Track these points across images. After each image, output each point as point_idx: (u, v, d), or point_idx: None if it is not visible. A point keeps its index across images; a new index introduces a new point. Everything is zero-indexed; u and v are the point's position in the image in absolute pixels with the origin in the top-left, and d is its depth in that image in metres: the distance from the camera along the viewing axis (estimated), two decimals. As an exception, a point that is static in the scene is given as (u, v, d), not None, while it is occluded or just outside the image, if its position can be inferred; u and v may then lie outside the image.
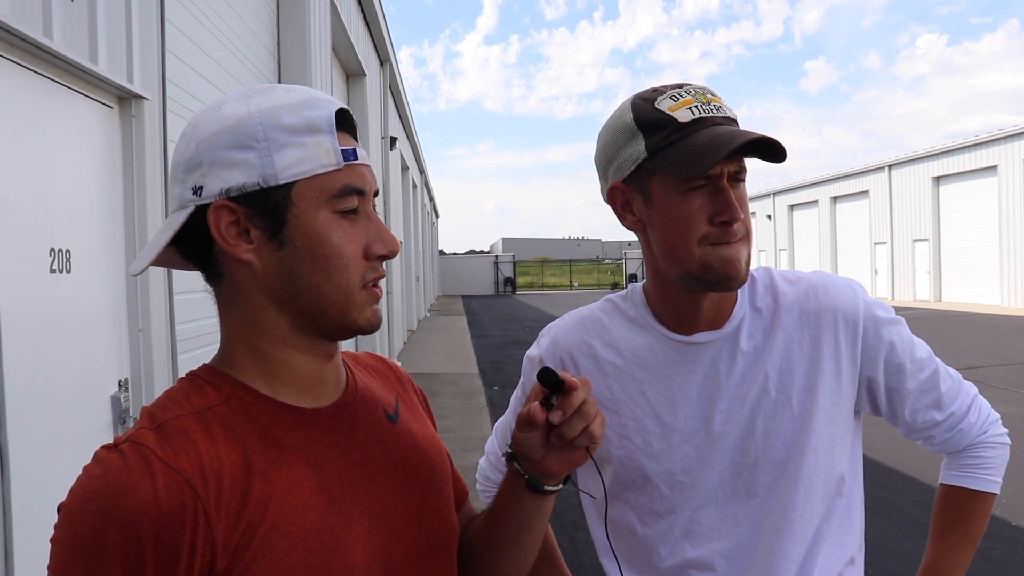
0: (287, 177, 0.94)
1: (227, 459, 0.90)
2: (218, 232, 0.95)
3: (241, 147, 0.94)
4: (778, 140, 1.21)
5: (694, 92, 1.27)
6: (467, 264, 52.99)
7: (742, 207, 1.26)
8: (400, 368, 1.30)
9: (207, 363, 1.03)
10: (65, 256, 2.65)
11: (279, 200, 0.95)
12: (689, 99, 1.26)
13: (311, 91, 1.00)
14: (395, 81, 15.34)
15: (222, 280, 0.99)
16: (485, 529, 1.20)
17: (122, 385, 3.10)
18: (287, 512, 0.91)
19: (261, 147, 0.94)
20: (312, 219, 0.96)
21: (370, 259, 1.01)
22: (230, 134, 0.94)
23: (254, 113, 0.95)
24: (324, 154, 0.96)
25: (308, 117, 0.96)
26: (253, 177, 0.94)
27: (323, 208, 0.97)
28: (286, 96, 0.97)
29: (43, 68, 2.56)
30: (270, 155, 0.94)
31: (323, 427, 1.01)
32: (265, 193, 0.94)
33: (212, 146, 0.95)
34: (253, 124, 0.94)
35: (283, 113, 0.95)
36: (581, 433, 1.04)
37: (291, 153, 0.95)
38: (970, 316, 23.90)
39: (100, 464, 0.88)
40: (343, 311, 0.99)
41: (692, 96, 1.26)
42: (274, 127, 0.94)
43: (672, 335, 1.39)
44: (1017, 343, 16.47)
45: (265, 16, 6.20)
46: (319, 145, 0.96)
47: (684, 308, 1.37)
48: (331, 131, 0.97)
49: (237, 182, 0.94)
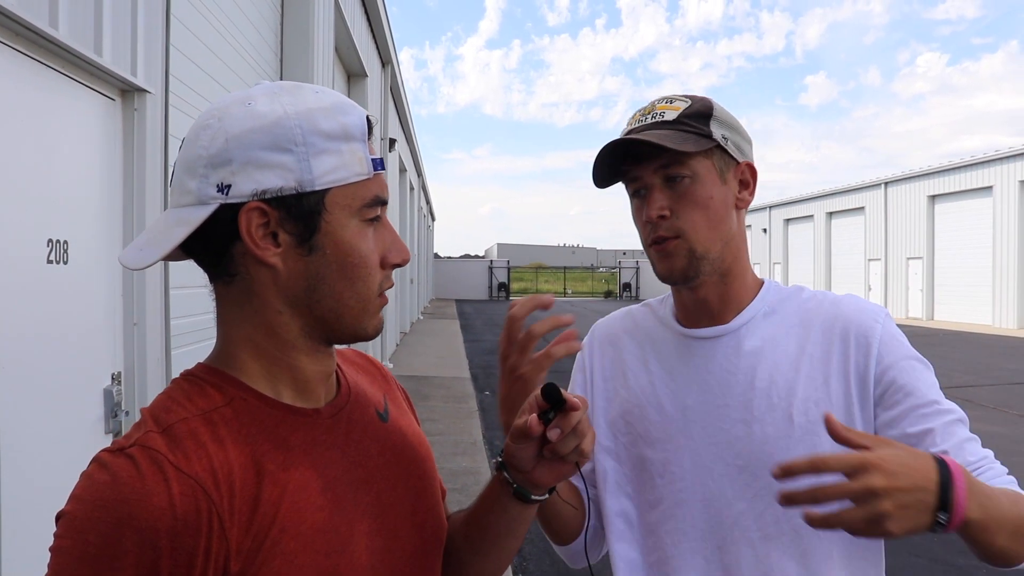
0: (323, 184, 0.93)
1: (236, 462, 0.89)
2: (248, 234, 0.92)
3: (279, 149, 0.92)
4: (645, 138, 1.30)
5: (647, 105, 1.41)
6: (462, 268, 52.93)
7: (683, 205, 1.34)
8: (383, 366, 1.31)
9: (203, 362, 1.01)
10: (63, 247, 2.64)
11: (313, 206, 0.93)
12: (638, 114, 1.41)
13: (338, 94, 0.99)
14: (396, 83, 15.35)
15: (234, 280, 0.97)
16: (466, 531, 1.21)
17: (115, 379, 3.09)
18: (296, 514, 0.91)
19: (299, 151, 0.92)
20: (343, 227, 0.95)
21: (385, 268, 1.01)
22: (266, 134, 0.92)
23: (291, 114, 0.93)
24: (358, 163, 0.96)
25: (343, 123, 0.95)
26: (290, 181, 0.92)
27: (354, 217, 0.96)
28: (318, 99, 0.96)
29: (47, 58, 2.56)
30: (308, 160, 0.92)
31: (323, 427, 1.01)
32: (300, 198, 0.93)
33: (246, 144, 0.91)
34: (292, 126, 0.92)
35: (319, 117, 0.94)
36: (573, 449, 1.06)
37: (328, 160, 0.93)
38: (962, 335, 23.98)
39: (106, 470, 0.84)
40: (357, 318, 0.99)
41: (641, 110, 1.41)
42: (312, 131, 0.93)
43: (681, 328, 1.45)
44: (1008, 363, 16.53)
45: (269, 13, 6.20)
46: (353, 153, 0.95)
47: (684, 301, 1.45)
48: (363, 139, 0.97)
49: (273, 184, 0.92)
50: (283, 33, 6.68)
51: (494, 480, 1.15)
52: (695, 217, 1.33)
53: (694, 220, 1.33)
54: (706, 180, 1.34)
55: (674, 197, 1.34)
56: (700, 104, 1.37)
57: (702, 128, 1.34)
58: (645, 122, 1.37)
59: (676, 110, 1.35)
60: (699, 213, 1.33)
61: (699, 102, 1.37)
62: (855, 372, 1.34)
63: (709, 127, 1.34)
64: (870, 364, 1.33)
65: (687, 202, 1.33)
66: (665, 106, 1.37)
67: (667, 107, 1.36)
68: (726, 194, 1.37)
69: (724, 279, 1.39)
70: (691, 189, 1.33)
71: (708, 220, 1.34)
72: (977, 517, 1.03)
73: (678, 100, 1.38)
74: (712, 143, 1.34)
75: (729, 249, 1.38)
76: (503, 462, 1.12)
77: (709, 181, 1.34)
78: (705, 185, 1.34)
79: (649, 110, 1.39)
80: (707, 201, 1.34)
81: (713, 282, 1.38)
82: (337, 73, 10.03)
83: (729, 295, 1.40)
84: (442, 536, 1.17)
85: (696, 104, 1.37)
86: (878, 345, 1.33)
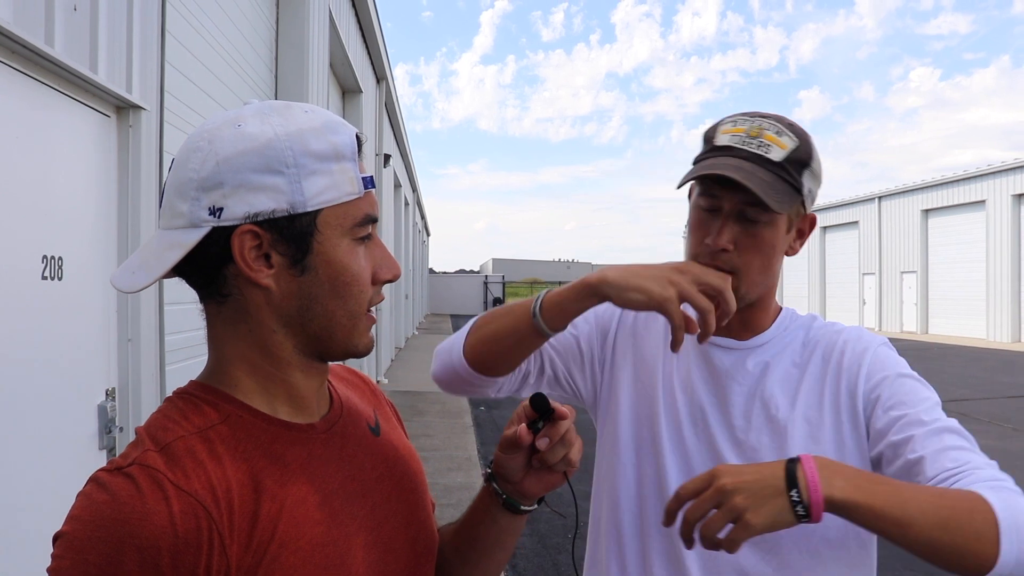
0: (315, 204, 0.93)
1: (235, 479, 0.89)
2: (241, 257, 0.92)
3: (270, 171, 0.91)
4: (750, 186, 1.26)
5: (754, 123, 1.35)
6: (457, 283, 52.91)
7: (748, 245, 1.33)
8: (370, 380, 1.31)
9: (196, 380, 1.01)
10: (57, 263, 2.64)
11: (305, 227, 0.94)
12: (741, 128, 1.34)
13: (327, 112, 0.99)
14: (391, 99, 15.39)
15: (227, 300, 0.97)
16: (456, 543, 1.23)
17: (109, 394, 3.08)
18: (294, 528, 0.91)
19: (291, 172, 0.92)
20: (335, 247, 0.96)
21: (376, 284, 1.02)
22: (257, 156, 0.91)
23: (281, 136, 0.92)
24: (348, 182, 0.96)
25: (333, 143, 0.95)
26: (282, 203, 0.92)
27: (345, 236, 0.97)
28: (308, 118, 0.95)
29: (43, 75, 2.57)
30: (300, 181, 0.92)
31: (319, 442, 1.01)
32: (292, 220, 0.93)
33: (237, 167, 0.91)
34: (283, 148, 0.92)
35: (310, 138, 0.94)
36: (562, 459, 1.07)
37: (319, 180, 0.93)
38: (956, 348, 24.02)
39: (105, 489, 0.84)
40: (348, 335, 1.00)
41: (747, 127, 1.34)
42: (303, 152, 0.93)
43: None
44: (1002, 376, 16.56)
45: (264, 31, 6.23)
46: (344, 173, 0.95)
47: None
48: (354, 158, 0.97)
49: (265, 207, 0.91)
50: (278, 50, 6.70)
51: (483, 491, 1.17)
52: (754, 261, 1.34)
53: (752, 264, 1.34)
54: (778, 229, 1.35)
55: (744, 234, 1.33)
56: (804, 150, 1.33)
57: (797, 180, 1.32)
58: (749, 147, 1.32)
59: (783, 148, 1.31)
60: (759, 258, 1.34)
61: (803, 147, 1.33)
62: (846, 392, 1.37)
63: (803, 179, 1.33)
64: (859, 383, 1.36)
65: (753, 245, 1.33)
66: (773, 138, 1.32)
67: (775, 140, 1.32)
68: (785, 241, 1.38)
69: (750, 308, 1.42)
70: (763, 233, 1.33)
71: (764, 266, 1.36)
72: (850, 497, 1.04)
73: (785, 135, 1.33)
74: (800, 198, 1.34)
75: (767, 288, 1.41)
76: (492, 473, 1.14)
77: (780, 230, 1.35)
78: (776, 234, 1.35)
79: (756, 134, 1.33)
80: (771, 249, 1.35)
81: (739, 310, 1.38)
82: (332, 89, 10.06)
83: (751, 320, 1.44)
84: (434, 548, 1.17)
85: (802, 148, 1.33)
86: (868, 365, 1.37)
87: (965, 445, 1.23)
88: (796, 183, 1.32)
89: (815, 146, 1.37)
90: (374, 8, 11.37)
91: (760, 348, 1.44)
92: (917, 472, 1.20)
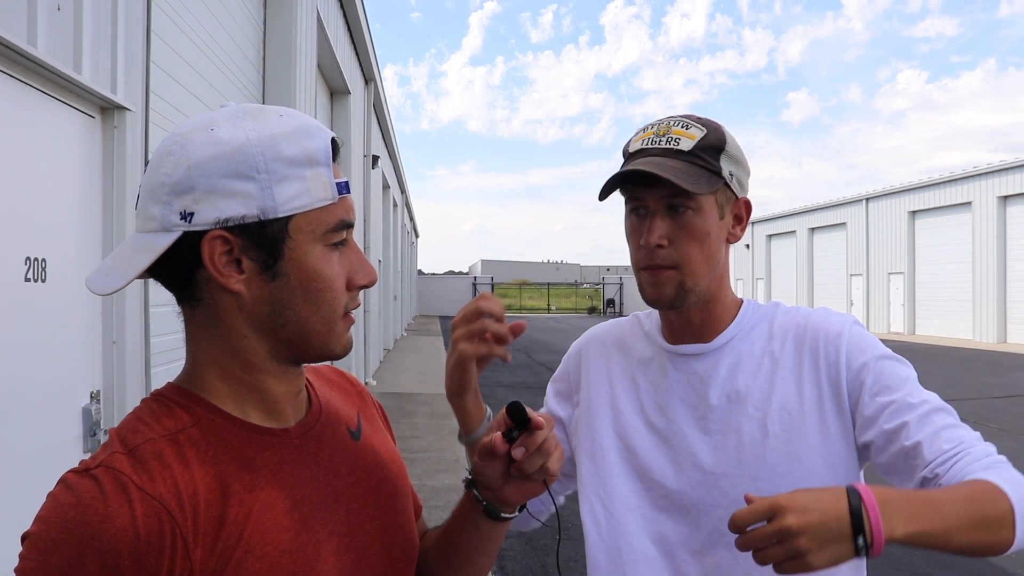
0: (286, 211, 0.93)
1: (202, 483, 0.89)
2: (211, 262, 0.92)
3: (241, 177, 0.91)
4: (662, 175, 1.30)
5: (662, 124, 1.40)
6: (445, 284, 52.88)
7: (681, 237, 1.35)
8: (358, 381, 1.31)
9: (172, 382, 1.01)
10: (41, 265, 2.62)
11: (276, 233, 0.93)
12: (650, 132, 1.40)
13: (302, 116, 0.99)
14: (379, 100, 15.38)
15: (199, 304, 0.96)
16: (439, 549, 1.22)
17: (94, 397, 3.06)
18: (261, 534, 0.91)
19: (262, 178, 0.91)
20: (307, 253, 0.95)
21: (351, 289, 1.01)
22: (228, 161, 0.91)
23: (253, 141, 0.92)
24: (322, 188, 0.95)
25: (307, 148, 0.94)
26: (252, 209, 0.91)
27: (318, 242, 0.96)
28: (281, 123, 0.95)
29: (26, 76, 2.55)
30: (271, 187, 0.92)
31: (292, 447, 1.01)
32: (263, 225, 0.92)
33: (208, 172, 0.90)
34: (254, 153, 0.91)
35: (282, 143, 0.93)
36: (539, 468, 1.07)
37: (291, 186, 0.93)
38: (943, 349, 24.17)
39: (71, 491, 0.84)
40: (324, 340, 0.99)
41: (655, 128, 1.40)
42: (275, 158, 0.92)
43: (666, 345, 1.48)
44: (987, 377, 16.67)
45: (251, 31, 6.21)
46: (317, 179, 0.95)
47: (670, 320, 1.47)
48: (328, 163, 0.96)
49: (236, 213, 0.91)
50: (265, 51, 6.68)
51: (465, 497, 1.16)
52: (692, 251, 1.35)
53: (690, 253, 1.35)
54: (707, 215, 1.36)
55: (675, 227, 1.35)
56: (715, 136, 1.37)
57: (713, 164, 1.35)
58: (659, 145, 1.37)
59: (692, 139, 1.36)
60: (696, 247, 1.36)
61: (713, 133, 1.38)
62: (827, 380, 1.36)
63: (719, 163, 1.36)
64: (840, 370, 1.36)
65: (686, 234, 1.35)
66: (681, 131, 1.37)
67: (682, 133, 1.37)
68: (722, 229, 1.40)
69: (707, 304, 1.43)
70: (692, 222, 1.35)
71: (703, 254, 1.36)
72: (908, 531, 1.04)
73: (693, 127, 1.38)
74: (720, 181, 1.36)
75: (715, 279, 1.41)
76: (472, 480, 1.14)
77: (710, 216, 1.37)
78: (706, 220, 1.36)
79: (664, 132, 1.38)
80: (705, 236, 1.36)
81: (698, 308, 1.42)
82: (320, 90, 10.04)
83: (711, 317, 1.44)
84: (413, 554, 1.16)
85: (711, 135, 1.37)
86: (846, 351, 1.36)
87: (952, 422, 1.28)
88: (711, 166, 1.35)
89: (729, 133, 1.40)
90: (362, 9, 11.35)
91: (726, 346, 1.43)
92: (915, 456, 1.24)
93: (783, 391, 1.37)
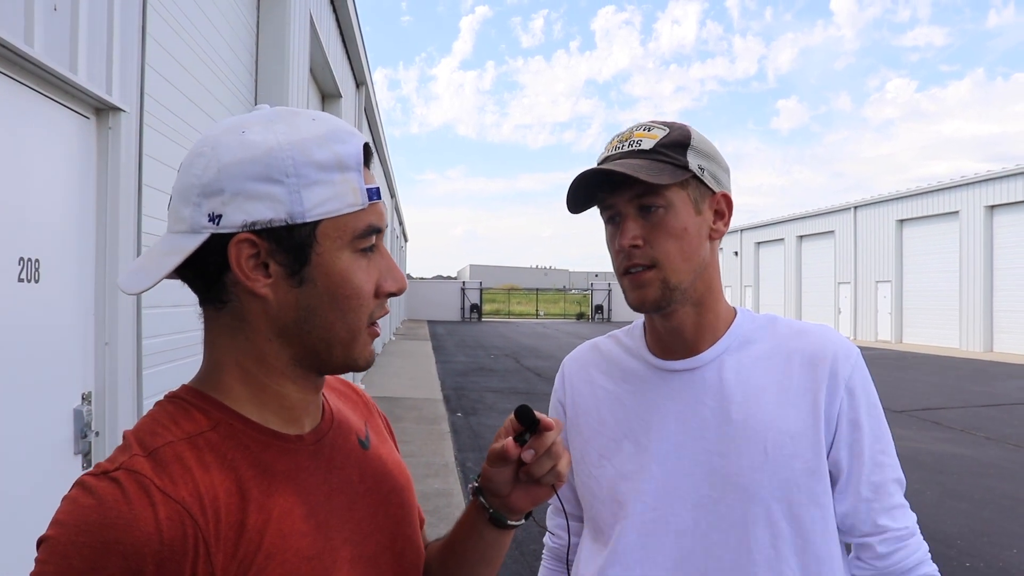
0: (314, 216, 0.92)
1: (222, 487, 0.88)
2: (238, 265, 0.92)
3: (270, 180, 0.91)
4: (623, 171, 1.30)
5: (624, 132, 1.41)
6: (434, 289, 52.74)
7: (656, 234, 1.33)
8: (364, 393, 1.30)
9: (188, 384, 1.00)
10: (34, 266, 2.62)
11: (304, 238, 0.92)
12: (615, 140, 1.40)
13: (334, 120, 0.98)
14: (370, 103, 15.36)
15: (225, 307, 0.96)
16: (442, 559, 1.21)
17: (85, 398, 3.05)
18: (280, 540, 0.91)
19: (290, 182, 0.91)
20: (335, 259, 0.94)
21: (379, 296, 1.00)
22: (258, 164, 0.91)
23: (283, 144, 0.91)
24: (351, 193, 0.94)
25: (337, 153, 0.94)
26: (280, 213, 0.91)
27: (346, 248, 0.95)
28: (313, 127, 0.94)
29: (22, 76, 2.55)
30: (299, 191, 0.91)
31: (307, 453, 1.00)
32: (290, 230, 0.92)
33: (237, 175, 0.91)
34: (283, 157, 0.91)
35: (313, 147, 0.92)
36: (549, 471, 1.06)
37: (320, 191, 0.92)
38: (930, 358, 24.27)
39: (91, 494, 0.82)
40: (348, 349, 0.98)
41: (619, 136, 1.40)
42: (304, 162, 0.91)
43: (656, 361, 1.44)
44: (974, 386, 16.75)
45: (245, 35, 6.20)
46: (347, 184, 0.94)
47: (658, 330, 1.43)
48: (359, 169, 0.96)
49: (263, 216, 0.91)
50: (259, 54, 6.67)
51: (470, 506, 1.16)
52: (668, 247, 1.33)
53: (667, 250, 1.33)
54: (681, 211, 1.34)
55: (648, 227, 1.33)
56: (678, 133, 1.36)
57: (678, 159, 1.34)
58: (622, 149, 1.36)
59: (653, 138, 1.35)
60: (673, 243, 1.33)
61: (677, 130, 1.37)
62: (825, 412, 1.35)
63: (686, 157, 1.34)
64: (834, 406, 1.35)
65: (661, 232, 1.33)
66: (642, 134, 1.37)
67: (644, 135, 1.36)
68: (701, 225, 1.36)
69: (698, 308, 1.39)
70: (665, 219, 1.33)
71: (682, 250, 1.34)
72: None
73: (656, 128, 1.37)
74: (688, 174, 1.34)
75: (702, 279, 1.38)
76: (479, 487, 1.13)
77: (684, 212, 1.34)
78: (679, 216, 1.34)
79: (627, 137, 1.38)
80: (681, 232, 1.33)
81: (687, 311, 1.39)
82: (312, 94, 10.03)
83: (703, 324, 1.41)
84: (420, 564, 1.16)
85: (674, 133, 1.36)
86: (844, 389, 1.36)
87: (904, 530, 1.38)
88: (675, 161, 1.33)
89: (697, 131, 1.39)
90: (354, 12, 11.35)
91: (720, 359, 1.40)
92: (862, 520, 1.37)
93: (785, 414, 1.34)
